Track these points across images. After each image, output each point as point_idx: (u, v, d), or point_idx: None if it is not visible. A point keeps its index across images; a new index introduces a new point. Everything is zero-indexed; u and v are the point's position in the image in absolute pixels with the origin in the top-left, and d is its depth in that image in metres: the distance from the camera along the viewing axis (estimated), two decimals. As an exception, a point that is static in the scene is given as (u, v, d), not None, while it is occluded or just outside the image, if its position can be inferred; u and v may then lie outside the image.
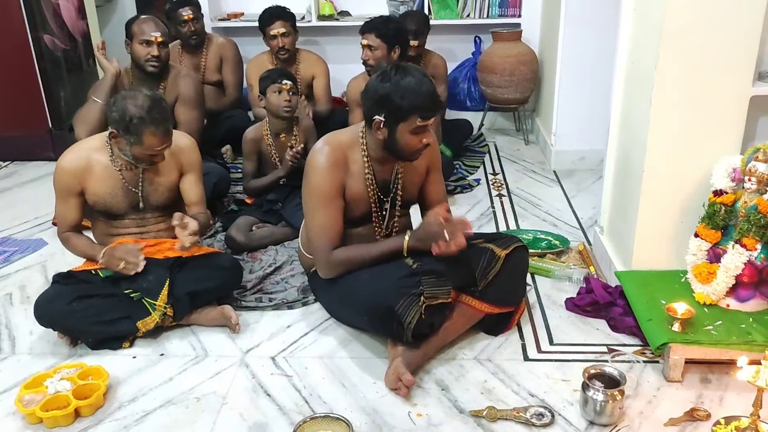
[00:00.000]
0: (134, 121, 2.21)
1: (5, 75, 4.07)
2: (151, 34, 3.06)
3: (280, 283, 2.66)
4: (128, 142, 2.27)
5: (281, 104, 3.06)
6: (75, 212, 2.40)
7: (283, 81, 3.06)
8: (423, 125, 2.08)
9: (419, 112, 2.05)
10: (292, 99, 3.08)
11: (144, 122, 2.22)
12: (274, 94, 3.06)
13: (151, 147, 2.27)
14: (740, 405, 1.90)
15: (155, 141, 2.26)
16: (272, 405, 1.99)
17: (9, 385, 2.11)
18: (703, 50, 2.11)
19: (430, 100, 2.06)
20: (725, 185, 2.14)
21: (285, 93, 3.05)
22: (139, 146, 2.26)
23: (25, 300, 2.60)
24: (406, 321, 1.99)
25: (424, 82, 2.07)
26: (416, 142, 2.11)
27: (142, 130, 2.23)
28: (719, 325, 2.05)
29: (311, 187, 2.19)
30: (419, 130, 2.09)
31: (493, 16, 4.56)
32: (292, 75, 3.19)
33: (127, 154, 2.31)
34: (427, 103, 2.06)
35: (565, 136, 3.84)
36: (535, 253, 2.75)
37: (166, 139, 2.29)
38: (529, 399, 1.98)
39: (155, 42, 3.05)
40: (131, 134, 2.24)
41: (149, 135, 2.24)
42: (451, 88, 4.51)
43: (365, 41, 3.34)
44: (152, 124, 2.23)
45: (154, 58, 3.06)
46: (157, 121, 2.24)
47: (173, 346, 2.29)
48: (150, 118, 2.22)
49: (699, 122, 2.19)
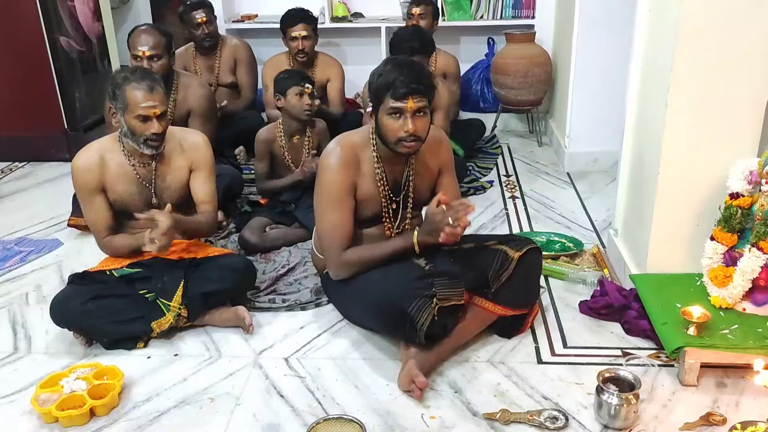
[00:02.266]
0: (118, 81, 2.28)
1: (21, 76, 4.11)
2: (139, 48, 3.07)
3: (294, 284, 2.66)
4: (120, 111, 2.29)
5: (303, 107, 3.07)
6: (105, 212, 2.40)
7: (306, 84, 3.08)
8: (396, 107, 2.05)
9: (390, 90, 2.04)
10: (313, 103, 3.10)
11: (126, 80, 2.28)
12: (295, 96, 3.07)
13: (136, 104, 2.26)
14: (757, 410, 1.88)
15: (139, 96, 2.27)
16: (285, 406, 2.00)
17: (25, 384, 2.13)
18: (719, 52, 2.10)
19: (403, 79, 2.03)
20: (742, 188, 2.13)
21: (306, 96, 3.07)
22: (127, 111, 2.28)
23: (41, 300, 2.63)
24: (419, 323, 1.98)
25: (407, 66, 2.06)
26: (396, 128, 2.08)
27: (125, 87, 2.27)
28: (735, 329, 2.04)
29: (323, 188, 2.20)
30: (395, 112, 2.07)
31: (506, 18, 4.56)
32: (311, 79, 3.20)
33: (128, 135, 2.32)
34: (399, 82, 2.03)
35: (579, 138, 3.82)
36: (549, 256, 2.74)
37: (150, 95, 2.28)
38: (543, 402, 1.97)
39: (143, 57, 3.06)
40: (118, 99, 2.28)
41: (131, 90, 2.27)
42: (464, 89, 4.51)
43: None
44: (133, 80, 2.27)
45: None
46: (138, 77, 2.29)
47: (187, 347, 2.30)
48: (132, 76, 2.28)
49: (715, 124, 2.18)
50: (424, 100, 2.08)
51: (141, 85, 2.27)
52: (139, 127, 2.29)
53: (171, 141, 2.45)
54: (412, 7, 4.01)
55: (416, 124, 2.08)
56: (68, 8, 4.13)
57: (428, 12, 3.99)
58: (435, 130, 2.29)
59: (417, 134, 2.09)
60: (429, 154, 2.29)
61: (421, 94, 2.06)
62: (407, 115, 2.06)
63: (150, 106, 2.27)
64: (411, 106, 2.05)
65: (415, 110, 2.06)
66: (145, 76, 2.31)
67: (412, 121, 2.07)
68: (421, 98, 2.07)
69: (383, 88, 2.06)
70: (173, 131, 2.48)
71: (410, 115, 2.06)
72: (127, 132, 2.33)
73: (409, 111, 2.06)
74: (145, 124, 2.29)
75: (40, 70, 4.07)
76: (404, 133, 2.08)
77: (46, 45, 4.02)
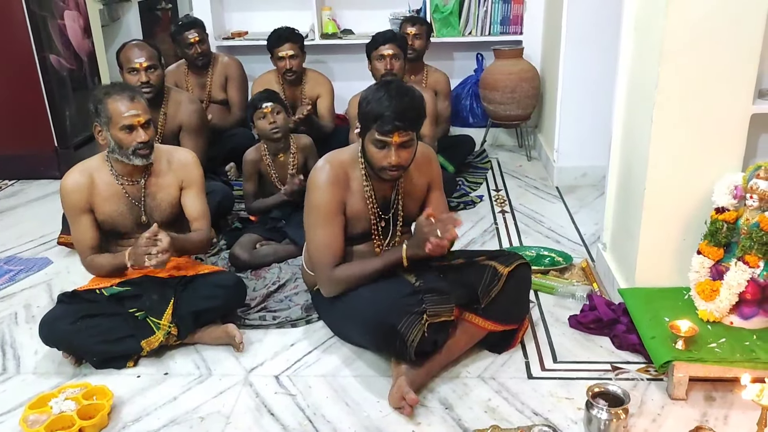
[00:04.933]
0: (99, 96, 2.30)
1: (11, 94, 4.11)
2: (135, 61, 3.07)
3: (284, 301, 2.66)
4: (105, 126, 2.30)
5: (267, 128, 3.09)
6: (91, 231, 2.41)
7: (263, 105, 3.08)
8: (381, 140, 2.06)
9: (376, 123, 2.05)
10: (277, 119, 3.09)
11: (107, 94, 2.30)
12: (259, 121, 3.09)
13: (119, 115, 2.27)
14: (746, 423, 1.90)
15: (121, 107, 2.27)
16: (276, 424, 1.99)
17: (14, 405, 2.12)
18: (703, 69, 2.13)
19: (389, 114, 2.02)
20: (727, 202, 2.15)
21: (268, 116, 3.08)
22: (112, 123, 2.28)
23: (30, 319, 2.61)
24: (409, 339, 1.99)
25: (396, 97, 2.04)
26: (380, 157, 2.10)
27: (106, 101, 2.28)
28: (723, 342, 2.05)
29: (312, 205, 2.21)
30: (379, 144, 2.08)
31: (494, 34, 4.59)
32: (273, 95, 3.18)
33: (116, 150, 2.32)
34: (386, 117, 2.03)
35: (567, 153, 3.85)
36: (538, 270, 2.75)
37: (132, 104, 2.29)
38: (533, 417, 1.98)
39: (141, 68, 3.07)
40: (101, 114, 2.29)
41: (112, 102, 2.28)
42: (453, 104, 4.54)
43: (390, 51, 3.44)
44: (114, 93, 2.29)
45: (143, 84, 3.05)
46: (118, 89, 2.30)
47: (177, 365, 2.29)
48: (112, 90, 2.30)
49: (700, 140, 2.20)
50: (410, 134, 2.09)
51: (122, 95, 2.29)
52: (126, 139, 2.30)
53: (160, 159, 2.46)
54: (407, 26, 3.98)
55: (400, 156, 2.09)
56: (58, 26, 4.15)
57: (422, 31, 3.96)
58: (423, 146, 2.31)
59: (400, 165, 2.11)
60: (418, 171, 2.30)
61: (407, 130, 2.07)
62: (392, 147, 2.08)
63: (133, 114, 2.28)
64: (396, 140, 2.07)
65: (400, 143, 2.08)
66: (124, 87, 2.33)
67: (396, 153, 2.08)
68: (407, 133, 2.08)
69: (370, 119, 2.07)
70: (161, 149, 2.49)
71: (395, 148, 2.08)
72: (115, 147, 2.33)
73: (394, 144, 2.07)
74: (131, 134, 2.30)
75: (30, 88, 4.07)
76: (387, 164, 2.10)
77: (36, 63, 4.03)
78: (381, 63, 3.47)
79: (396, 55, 3.47)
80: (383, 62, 3.46)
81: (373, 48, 3.51)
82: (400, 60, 3.49)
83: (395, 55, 3.46)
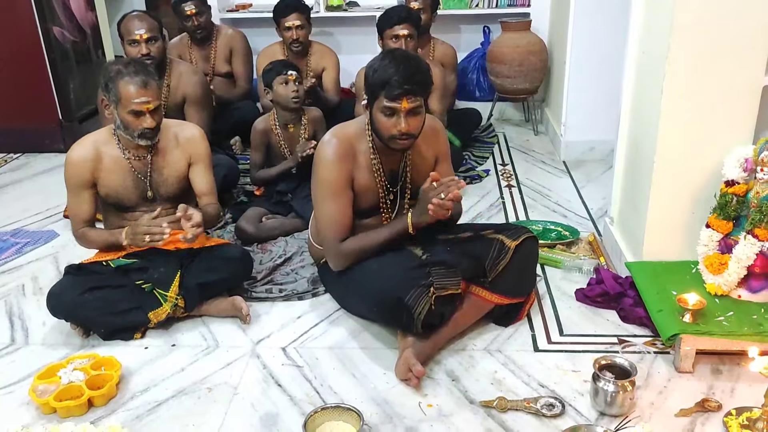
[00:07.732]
0: (111, 74, 2.27)
1: (15, 68, 4.09)
2: (135, 32, 3.04)
3: (290, 274, 2.66)
4: (113, 104, 2.28)
5: (289, 95, 3.06)
6: (88, 206, 2.41)
7: (289, 72, 3.06)
8: (390, 106, 2.04)
9: (384, 89, 2.02)
10: (299, 89, 3.08)
11: (120, 73, 2.26)
12: (281, 86, 3.06)
13: (129, 99, 2.25)
14: (752, 396, 1.90)
15: (132, 90, 2.25)
16: (283, 395, 2.01)
17: (23, 376, 2.13)
18: (714, 40, 2.09)
19: (398, 79, 2.00)
20: (737, 176, 2.13)
21: (291, 84, 3.06)
22: (120, 105, 2.27)
23: (38, 291, 2.62)
24: (416, 312, 1.99)
25: (403, 63, 2.02)
26: (389, 126, 2.07)
27: (118, 80, 2.25)
28: (730, 315, 2.05)
29: (320, 180, 2.20)
30: (388, 112, 2.05)
31: (502, 6, 4.54)
32: (295, 65, 3.19)
33: (121, 128, 2.32)
34: (394, 82, 2.00)
35: (575, 127, 3.82)
36: (545, 244, 2.75)
37: (144, 90, 2.26)
38: (540, 390, 1.99)
39: (141, 40, 3.04)
40: (111, 92, 2.27)
41: (124, 85, 2.25)
42: (460, 78, 4.50)
43: (405, 31, 3.33)
44: (127, 75, 2.25)
45: (144, 56, 3.02)
46: (132, 72, 2.26)
47: (184, 337, 2.30)
48: (126, 70, 2.26)
49: (710, 112, 2.18)
50: (418, 99, 2.06)
51: (134, 80, 2.25)
52: (133, 122, 2.28)
53: (167, 134, 2.44)
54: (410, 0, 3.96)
55: (409, 123, 2.07)
56: (61, -1, 4.11)
57: (427, 5, 3.89)
58: (431, 119, 2.29)
59: (410, 133, 2.08)
60: (425, 144, 2.28)
61: (415, 95, 2.04)
62: (401, 114, 2.05)
63: (143, 101, 2.25)
64: (405, 106, 2.04)
65: (409, 110, 2.05)
66: (138, 70, 2.28)
67: (406, 120, 2.06)
68: (416, 98, 2.05)
69: (378, 86, 2.04)
70: (168, 124, 2.48)
71: (404, 115, 2.05)
72: (120, 125, 2.32)
73: (403, 111, 2.05)
74: (138, 119, 2.28)
75: (34, 61, 4.05)
76: (397, 132, 2.07)
77: (39, 36, 4.00)
78: (395, 43, 3.34)
79: (411, 35, 3.35)
80: (398, 43, 3.33)
81: (387, 26, 3.38)
82: (414, 41, 3.37)
83: (410, 35, 3.35)
